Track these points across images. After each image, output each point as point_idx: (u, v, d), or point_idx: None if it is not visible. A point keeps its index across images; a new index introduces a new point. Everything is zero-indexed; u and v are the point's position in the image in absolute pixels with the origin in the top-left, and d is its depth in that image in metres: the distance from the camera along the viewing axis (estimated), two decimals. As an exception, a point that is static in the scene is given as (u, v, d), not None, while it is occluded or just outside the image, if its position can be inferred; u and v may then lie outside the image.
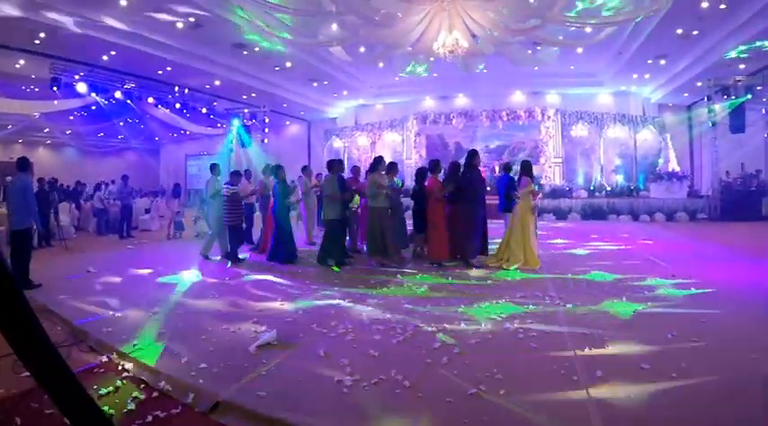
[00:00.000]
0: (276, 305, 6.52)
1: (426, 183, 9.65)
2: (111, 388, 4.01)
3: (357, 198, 10.58)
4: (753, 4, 12.67)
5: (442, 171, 10.10)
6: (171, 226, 14.70)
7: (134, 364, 4.47)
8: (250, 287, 7.74)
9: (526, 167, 9.58)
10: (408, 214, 10.67)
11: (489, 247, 9.99)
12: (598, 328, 5.34)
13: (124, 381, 4.20)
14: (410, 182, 16.78)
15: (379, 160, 10.04)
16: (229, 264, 9.66)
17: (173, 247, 12.70)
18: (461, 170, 9.53)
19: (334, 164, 9.75)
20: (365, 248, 10.33)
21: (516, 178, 10.06)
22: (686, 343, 4.84)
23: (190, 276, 8.58)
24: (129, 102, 17.06)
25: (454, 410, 3.54)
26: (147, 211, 19.05)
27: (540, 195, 10.20)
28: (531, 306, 6.29)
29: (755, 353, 4.52)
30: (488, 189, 9.63)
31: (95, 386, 3.99)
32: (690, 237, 13.44)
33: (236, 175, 10.33)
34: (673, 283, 7.65)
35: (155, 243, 13.67)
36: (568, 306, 6.33)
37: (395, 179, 10.38)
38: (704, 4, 12.81)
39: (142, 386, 4.11)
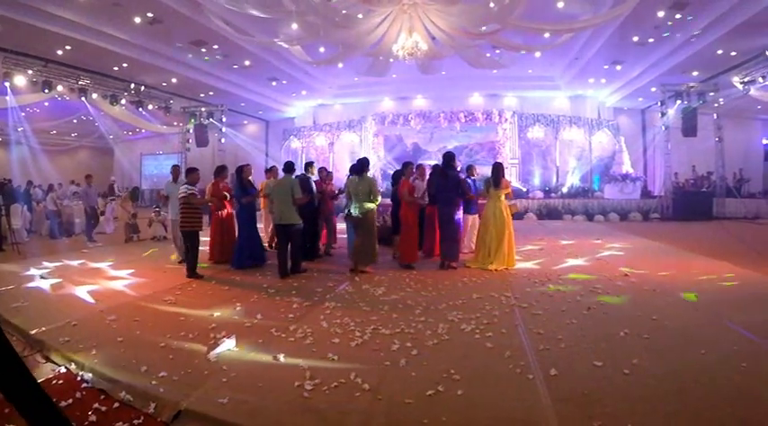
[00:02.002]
0: (235, 310, 6.44)
1: (397, 186, 9.62)
2: (70, 401, 3.92)
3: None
4: (708, 14, 13.15)
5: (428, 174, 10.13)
6: (127, 228, 14.33)
7: (93, 374, 4.37)
8: (208, 292, 7.62)
9: (501, 169, 9.59)
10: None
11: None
12: (553, 327, 5.47)
13: (84, 392, 4.11)
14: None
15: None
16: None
17: (130, 250, 12.34)
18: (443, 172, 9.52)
19: (293, 166, 9.35)
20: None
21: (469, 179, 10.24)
22: (638, 340, 5.01)
23: (148, 281, 8.39)
24: (83, 98, 16.67)
25: (413, 411, 3.59)
26: (102, 213, 18.42)
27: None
28: (487, 307, 6.39)
29: (704, 348, 4.72)
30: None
31: (55, 399, 3.88)
32: (642, 236, 13.80)
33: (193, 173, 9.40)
34: (626, 281, 7.90)
35: (111, 246, 13.22)
36: (524, 305, 6.46)
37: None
38: (660, 14, 13.23)
39: (102, 396, 4.03)
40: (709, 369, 4.27)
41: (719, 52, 15.61)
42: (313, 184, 10.24)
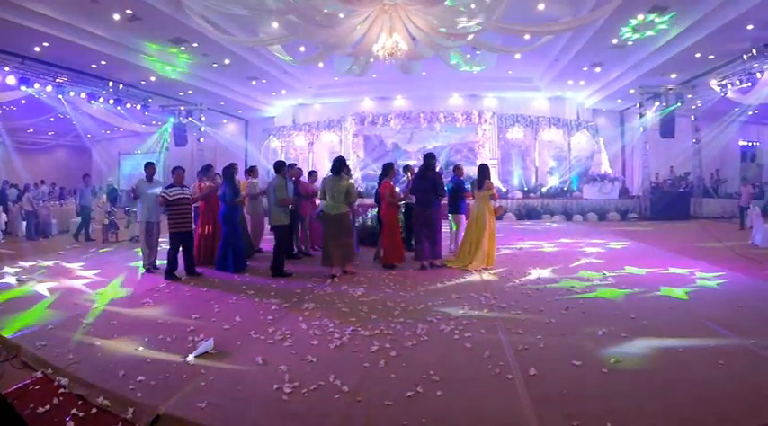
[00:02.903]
0: (213, 312, 6.39)
1: (380, 187, 9.60)
2: (48, 406, 3.85)
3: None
4: (686, 17, 13.33)
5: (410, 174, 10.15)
6: (104, 229, 14.07)
7: (70, 379, 4.30)
8: (186, 294, 7.55)
9: (486, 170, 9.75)
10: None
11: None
12: (531, 327, 5.52)
13: (61, 398, 4.04)
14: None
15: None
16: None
17: (107, 251, 12.19)
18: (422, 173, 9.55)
19: (283, 167, 9.21)
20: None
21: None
22: (616, 339, 5.09)
23: (124, 283, 8.30)
24: (60, 97, 16.42)
25: (393, 413, 3.61)
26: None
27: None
28: (466, 307, 6.43)
29: (681, 346, 4.82)
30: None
31: (32, 405, 3.84)
32: (621, 236, 13.95)
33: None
34: (603, 281, 8.00)
35: (88, 247, 12.98)
36: (503, 305, 6.51)
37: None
38: (640, 17, 13.38)
39: (80, 402, 3.96)
40: (686, 367, 4.35)
41: (697, 55, 15.80)
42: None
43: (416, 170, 9.94)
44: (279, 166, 9.15)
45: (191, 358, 4.64)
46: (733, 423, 3.41)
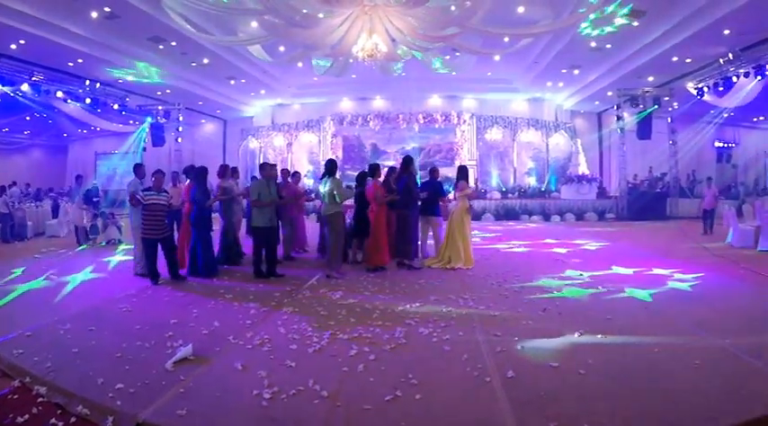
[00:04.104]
0: (191, 317, 6.31)
1: (367, 188, 9.53)
2: (27, 416, 3.79)
3: None
4: (664, 22, 13.52)
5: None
6: (80, 231, 13.77)
7: (48, 388, 4.22)
8: (164, 299, 7.44)
9: (464, 171, 10.00)
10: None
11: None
12: (509, 329, 5.58)
13: (40, 407, 3.97)
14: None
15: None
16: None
17: (82, 255, 11.90)
18: (398, 175, 9.72)
19: (266, 168, 9.11)
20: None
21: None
22: (594, 340, 5.17)
23: (102, 287, 8.17)
24: (36, 95, 16.14)
25: (372, 417, 3.63)
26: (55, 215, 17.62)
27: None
28: (443, 309, 6.47)
29: (657, 346, 4.91)
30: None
31: (11, 415, 3.78)
32: (599, 237, 14.14)
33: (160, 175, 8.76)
34: (581, 281, 8.12)
35: (64, 250, 12.62)
36: (480, 307, 6.56)
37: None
38: (618, 21, 13.55)
39: (59, 411, 3.90)
40: (663, 367, 4.44)
41: (675, 59, 16.04)
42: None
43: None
44: (260, 167, 9.14)
45: (169, 364, 4.58)
46: (709, 422, 3.48)
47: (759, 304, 6.83)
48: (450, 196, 10.33)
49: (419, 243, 9.90)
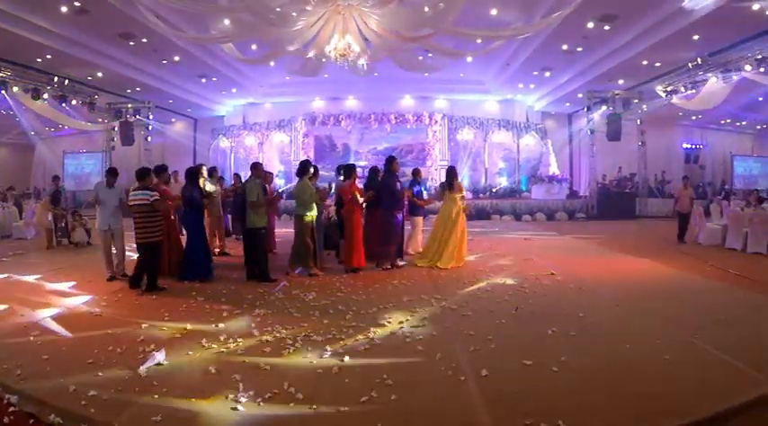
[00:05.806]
0: (163, 320, 6.21)
1: (342, 189, 9.47)
2: None
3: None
4: (634, 27, 13.77)
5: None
6: (48, 234, 13.31)
7: (19, 397, 4.08)
8: (135, 302, 7.28)
9: (454, 172, 10.23)
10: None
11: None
12: (482, 327, 5.62)
13: (12, 417, 3.84)
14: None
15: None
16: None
17: (50, 258, 11.49)
18: (380, 175, 9.80)
19: (259, 168, 9.00)
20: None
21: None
22: (566, 338, 5.24)
23: (72, 292, 7.95)
24: (3, 92, 15.74)
25: (348, 419, 3.62)
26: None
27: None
28: (417, 310, 6.49)
29: (629, 343, 5.00)
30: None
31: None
32: (569, 235, 14.40)
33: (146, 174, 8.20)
34: (553, 280, 8.23)
35: (33, 253, 12.23)
36: (453, 307, 6.61)
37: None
38: (590, 25, 13.75)
39: (31, 420, 3.79)
40: (635, 363, 4.52)
41: (644, 62, 16.37)
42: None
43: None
44: (253, 167, 8.96)
45: (142, 369, 4.50)
46: (681, 415, 3.53)
47: (725, 300, 6.99)
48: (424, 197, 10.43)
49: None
